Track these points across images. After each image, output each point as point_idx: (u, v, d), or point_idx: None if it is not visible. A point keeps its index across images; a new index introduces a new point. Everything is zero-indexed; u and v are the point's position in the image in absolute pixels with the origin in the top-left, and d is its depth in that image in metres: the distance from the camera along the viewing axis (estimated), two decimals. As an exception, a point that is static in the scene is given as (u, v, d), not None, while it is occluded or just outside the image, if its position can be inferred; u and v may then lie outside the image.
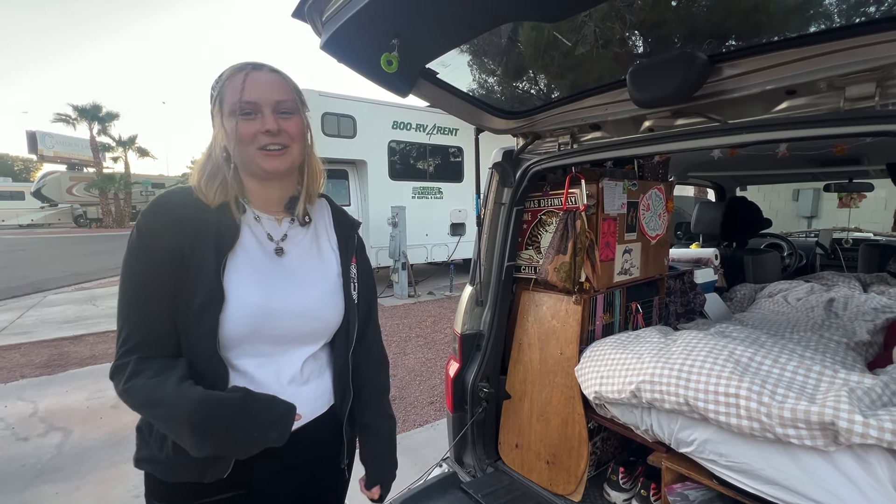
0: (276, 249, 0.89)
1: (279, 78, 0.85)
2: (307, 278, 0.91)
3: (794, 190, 8.32)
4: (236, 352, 0.82)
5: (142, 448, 0.84)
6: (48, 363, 4.30)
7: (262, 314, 0.82)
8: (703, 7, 1.76)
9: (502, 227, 1.66)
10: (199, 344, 0.78)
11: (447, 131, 8.32)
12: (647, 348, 1.35)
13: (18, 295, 7.38)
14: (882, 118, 0.84)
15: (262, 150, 0.83)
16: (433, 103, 1.41)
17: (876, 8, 1.37)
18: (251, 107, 0.81)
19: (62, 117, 22.34)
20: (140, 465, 0.84)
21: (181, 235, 0.79)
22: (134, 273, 0.78)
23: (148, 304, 0.77)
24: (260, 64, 0.85)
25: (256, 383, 0.83)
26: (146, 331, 0.77)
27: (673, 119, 1.20)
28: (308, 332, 0.90)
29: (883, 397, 0.99)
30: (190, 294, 0.78)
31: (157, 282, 0.78)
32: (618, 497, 1.49)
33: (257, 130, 0.81)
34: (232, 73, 0.82)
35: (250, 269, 0.84)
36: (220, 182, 0.84)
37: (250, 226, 0.87)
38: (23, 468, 2.58)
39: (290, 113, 0.85)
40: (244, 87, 0.80)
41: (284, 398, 0.80)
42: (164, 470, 0.82)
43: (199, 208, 0.82)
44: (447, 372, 1.75)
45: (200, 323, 0.78)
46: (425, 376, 3.96)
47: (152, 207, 0.81)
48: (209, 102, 0.86)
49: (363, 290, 1.02)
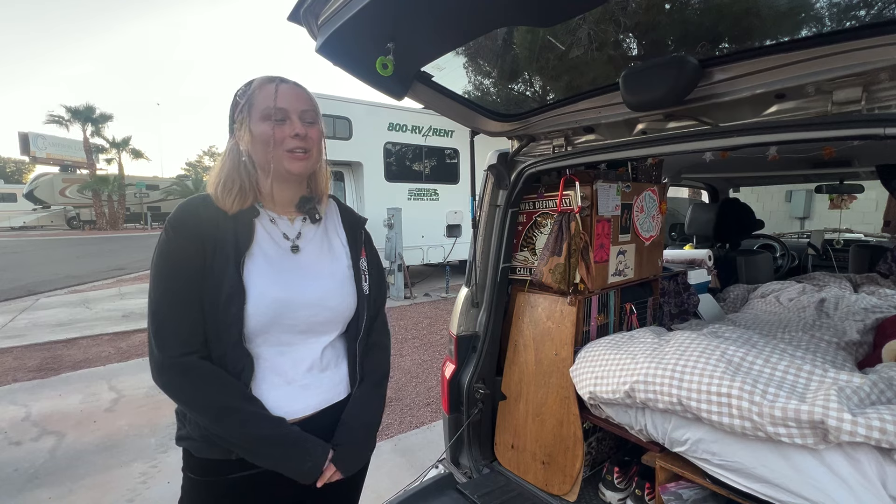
0: (291, 247, 0.97)
1: (303, 91, 0.95)
2: (321, 272, 0.99)
3: (787, 191, 8.39)
4: (259, 341, 0.91)
5: (180, 429, 0.95)
6: (41, 367, 4.26)
7: (281, 306, 0.91)
8: (695, 11, 1.79)
9: (497, 228, 1.67)
10: (226, 334, 0.87)
11: (443, 133, 8.33)
12: (640, 349, 1.36)
13: (10, 298, 7.31)
14: (868, 122, 0.86)
15: (289, 153, 0.92)
16: (428, 106, 1.42)
17: (865, 13, 1.39)
18: (282, 113, 0.91)
19: (55, 118, 22.18)
20: (179, 442, 0.96)
21: (204, 237, 0.88)
22: (164, 273, 0.87)
23: (178, 300, 0.86)
24: (285, 78, 0.94)
25: (277, 370, 0.93)
26: (177, 325, 0.86)
27: (665, 122, 1.21)
28: (323, 320, 0.98)
29: (871, 396, 1.00)
30: (215, 290, 0.87)
31: (185, 278, 0.87)
32: (613, 497, 1.50)
33: (287, 134, 0.91)
34: (262, 83, 0.92)
35: (267, 265, 0.92)
36: (237, 191, 0.92)
37: (265, 227, 0.96)
38: (15, 473, 2.55)
39: (313, 122, 0.95)
40: (277, 95, 0.90)
41: (303, 384, 0.95)
42: (198, 447, 0.92)
43: (217, 215, 0.91)
44: (443, 373, 1.75)
45: (226, 315, 0.86)
46: (421, 378, 3.96)
47: (179, 212, 0.90)
48: (232, 109, 0.95)
49: (374, 283, 1.10)
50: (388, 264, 7.12)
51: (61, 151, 25.48)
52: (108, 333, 5.37)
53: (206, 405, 0.86)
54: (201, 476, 0.94)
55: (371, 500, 2.07)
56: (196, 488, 0.95)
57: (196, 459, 0.93)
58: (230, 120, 0.96)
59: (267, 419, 0.89)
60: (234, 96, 0.95)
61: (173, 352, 0.85)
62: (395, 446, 2.83)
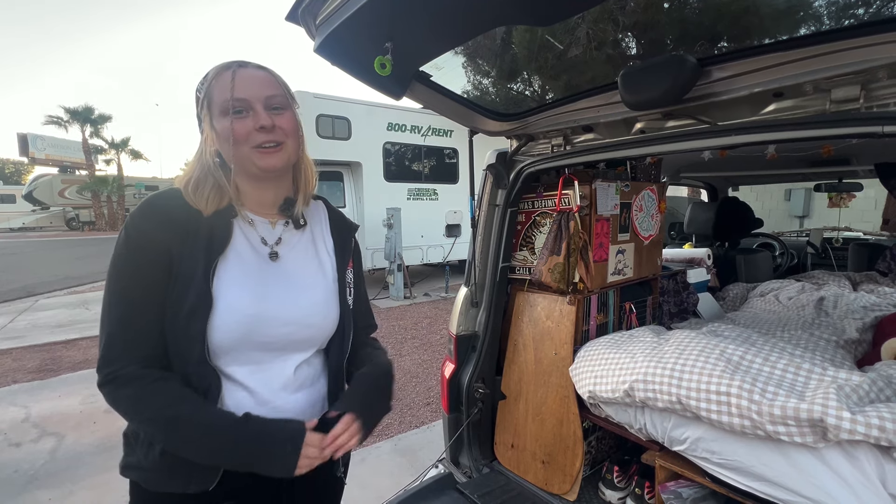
0: (270, 254, 0.86)
1: (267, 74, 0.83)
2: (302, 283, 0.88)
3: (786, 190, 8.41)
4: (226, 359, 0.80)
5: (128, 455, 0.82)
6: (40, 368, 4.26)
7: (253, 322, 0.80)
8: (694, 10, 1.79)
9: (496, 228, 1.67)
10: (188, 351, 0.77)
11: (442, 133, 8.33)
12: (640, 348, 1.36)
13: (10, 299, 7.30)
14: (866, 120, 0.86)
15: (257, 149, 0.80)
16: (427, 106, 1.42)
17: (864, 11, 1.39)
18: (242, 104, 0.78)
19: (54, 119, 22.14)
20: (126, 472, 0.83)
21: (171, 238, 0.77)
22: (121, 276, 0.77)
23: (134, 309, 0.76)
24: (245, 61, 0.82)
25: (248, 391, 0.82)
26: (132, 336, 0.76)
27: (664, 121, 1.21)
28: (301, 339, 0.88)
29: (870, 394, 1.00)
30: (178, 299, 0.76)
31: (144, 285, 0.76)
32: (613, 496, 1.50)
33: (251, 128, 0.79)
34: (218, 73, 0.80)
35: (241, 274, 0.81)
36: (210, 188, 0.81)
37: (243, 229, 0.85)
38: (15, 474, 2.55)
39: (282, 108, 0.83)
40: (233, 84, 0.78)
41: (276, 406, 0.82)
42: (149, 478, 0.80)
43: (189, 211, 0.80)
44: (443, 373, 1.75)
45: (188, 329, 0.76)
46: (421, 378, 3.96)
47: (142, 209, 0.79)
48: (195, 105, 0.84)
49: (357, 296, 1.00)
50: (388, 264, 7.12)
51: (60, 152, 25.46)
52: (107, 334, 5.36)
53: (146, 419, 0.74)
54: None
55: (371, 499, 2.07)
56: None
57: (146, 493, 0.81)
58: (197, 118, 0.84)
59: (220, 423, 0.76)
60: (195, 91, 0.83)
61: (111, 368, 0.74)
62: (395, 446, 2.83)
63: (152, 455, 0.78)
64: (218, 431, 0.75)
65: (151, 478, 0.80)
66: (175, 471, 0.78)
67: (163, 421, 0.74)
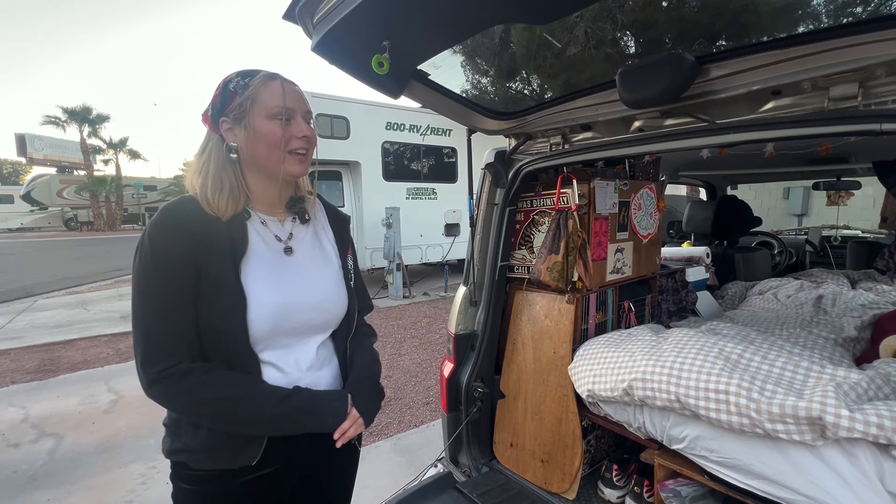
0: (285, 249, 0.95)
1: (301, 90, 0.93)
2: (314, 273, 0.98)
3: (785, 188, 8.42)
4: (261, 346, 0.89)
5: (174, 441, 0.90)
6: (39, 368, 4.25)
7: (281, 312, 0.90)
8: (692, 9, 1.79)
9: (495, 227, 1.67)
10: (231, 343, 0.85)
11: (441, 132, 8.33)
12: (638, 346, 1.36)
13: (8, 300, 7.29)
14: (864, 118, 0.86)
15: (293, 154, 0.90)
16: (425, 104, 1.42)
17: (862, 9, 1.39)
18: (290, 113, 0.89)
19: (52, 119, 22.08)
20: (173, 455, 0.91)
21: (196, 252, 0.83)
22: (153, 284, 0.82)
23: (171, 312, 0.82)
24: (283, 76, 0.91)
25: (282, 371, 0.92)
26: (173, 336, 0.82)
27: (662, 119, 1.21)
28: (319, 322, 0.98)
29: (869, 392, 1.00)
30: (211, 301, 0.83)
31: (177, 293, 0.82)
32: (612, 494, 1.50)
33: (293, 135, 0.89)
34: (266, 79, 0.88)
35: (264, 270, 0.90)
36: (228, 192, 0.88)
37: (257, 229, 0.93)
38: (14, 474, 2.55)
39: (310, 124, 0.94)
40: (284, 93, 0.87)
41: (306, 384, 0.93)
42: (199, 458, 0.88)
43: (207, 221, 0.86)
44: (442, 372, 1.75)
45: (226, 325, 0.84)
46: (420, 377, 3.96)
47: (162, 221, 0.84)
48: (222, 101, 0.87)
49: (357, 280, 1.12)
50: (387, 264, 7.12)
51: (58, 152, 25.41)
52: (106, 335, 5.36)
53: (210, 402, 0.82)
54: (199, 486, 0.90)
55: (371, 499, 2.07)
56: (194, 498, 0.92)
57: (195, 471, 0.89)
58: (216, 112, 0.88)
59: (276, 395, 0.87)
60: (223, 87, 0.88)
61: (161, 367, 0.80)
62: (394, 445, 2.83)
63: (200, 436, 0.86)
64: (277, 400, 0.86)
65: (200, 458, 0.88)
66: (223, 448, 0.87)
67: (229, 401, 0.83)
